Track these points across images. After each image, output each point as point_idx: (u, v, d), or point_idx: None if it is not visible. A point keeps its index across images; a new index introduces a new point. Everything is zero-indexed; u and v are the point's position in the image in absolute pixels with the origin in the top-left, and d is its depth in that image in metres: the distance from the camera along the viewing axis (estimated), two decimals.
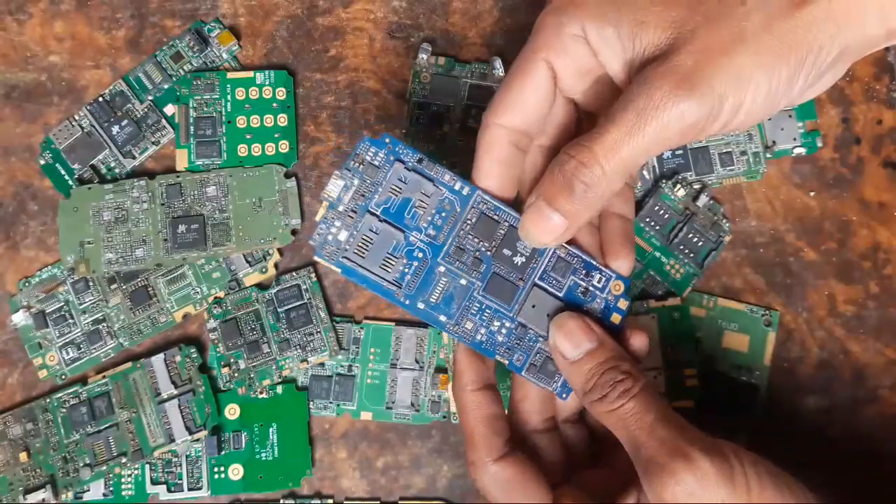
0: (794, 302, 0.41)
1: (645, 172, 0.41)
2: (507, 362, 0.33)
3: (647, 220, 0.40)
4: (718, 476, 0.27)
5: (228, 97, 0.42)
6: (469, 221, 0.32)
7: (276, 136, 0.42)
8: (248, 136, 0.42)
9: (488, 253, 0.33)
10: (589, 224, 0.33)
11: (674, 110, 0.27)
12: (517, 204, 0.33)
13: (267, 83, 0.42)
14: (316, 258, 0.33)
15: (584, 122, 0.33)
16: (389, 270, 0.32)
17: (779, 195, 0.42)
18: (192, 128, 0.42)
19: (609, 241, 0.33)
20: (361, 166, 0.32)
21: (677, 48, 0.27)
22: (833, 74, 0.29)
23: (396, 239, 0.32)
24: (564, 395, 0.33)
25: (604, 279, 0.33)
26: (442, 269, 0.32)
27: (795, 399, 0.41)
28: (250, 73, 0.42)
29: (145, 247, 0.41)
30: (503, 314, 0.33)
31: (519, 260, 0.33)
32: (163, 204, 0.41)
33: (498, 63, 0.42)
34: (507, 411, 0.34)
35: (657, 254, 0.40)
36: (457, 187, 0.32)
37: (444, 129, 0.42)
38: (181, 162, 0.42)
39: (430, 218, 0.32)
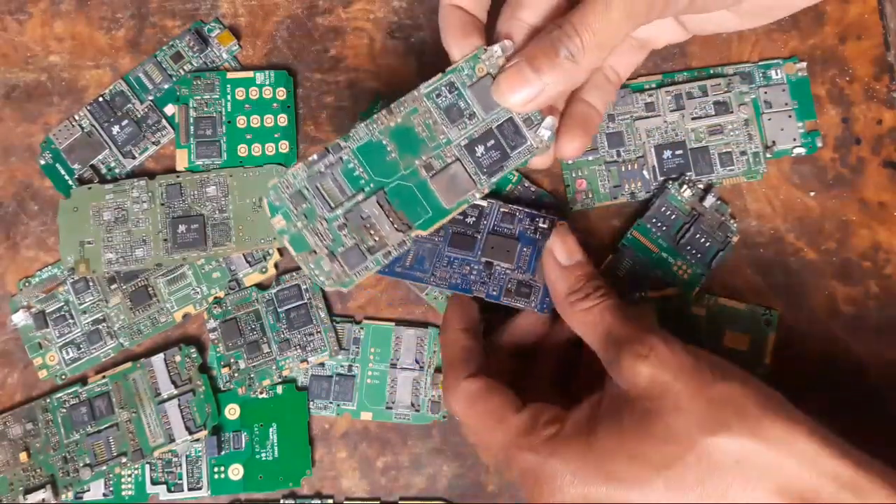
0: (794, 302, 0.41)
1: (645, 172, 0.41)
2: (483, 295, 0.38)
3: (654, 221, 0.40)
4: (686, 350, 0.30)
5: (228, 97, 0.42)
6: None
7: (276, 136, 0.42)
8: (248, 136, 0.42)
9: None
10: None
11: None
12: None
13: (267, 83, 0.42)
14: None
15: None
16: None
17: (779, 195, 0.42)
18: (192, 128, 0.42)
19: (568, 122, 0.35)
20: None
21: None
22: None
23: None
24: (544, 309, 0.38)
25: (548, 220, 0.39)
26: None
27: (795, 399, 0.41)
28: (250, 73, 0.42)
29: (145, 247, 0.41)
30: (469, 259, 0.39)
31: (471, 220, 0.39)
32: (163, 204, 0.41)
33: (548, 121, 0.34)
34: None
35: (664, 254, 0.40)
36: None
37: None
38: (181, 162, 0.42)
39: None
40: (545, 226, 0.39)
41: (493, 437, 0.32)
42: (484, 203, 0.39)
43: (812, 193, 0.42)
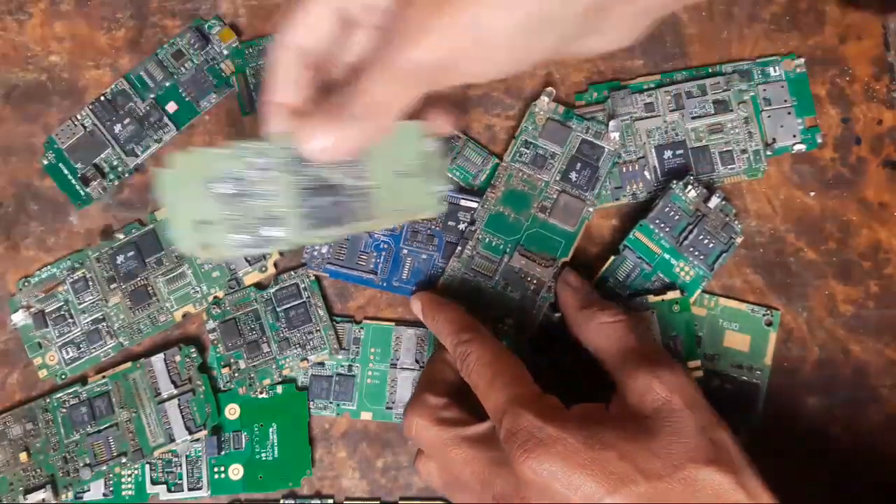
0: (794, 302, 0.41)
1: (646, 172, 0.41)
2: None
3: (658, 221, 0.39)
4: (698, 389, 0.33)
5: None
6: None
7: None
8: None
9: (437, 228, 0.41)
10: None
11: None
12: None
13: None
14: (308, 270, 0.41)
15: None
16: (364, 264, 0.41)
17: (779, 195, 0.42)
18: (253, 94, 0.42)
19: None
20: None
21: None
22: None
23: (364, 240, 0.41)
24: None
25: None
26: (405, 251, 0.41)
27: (796, 399, 0.41)
28: None
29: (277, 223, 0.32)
30: None
31: (463, 225, 0.41)
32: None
33: (612, 125, 0.40)
34: None
35: (666, 255, 0.39)
36: None
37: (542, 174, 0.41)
38: None
39: None
40: None
41: (499, 392, 0.32)
42: (474, 204, 0.40)
43: (812, 193, 0.42)
